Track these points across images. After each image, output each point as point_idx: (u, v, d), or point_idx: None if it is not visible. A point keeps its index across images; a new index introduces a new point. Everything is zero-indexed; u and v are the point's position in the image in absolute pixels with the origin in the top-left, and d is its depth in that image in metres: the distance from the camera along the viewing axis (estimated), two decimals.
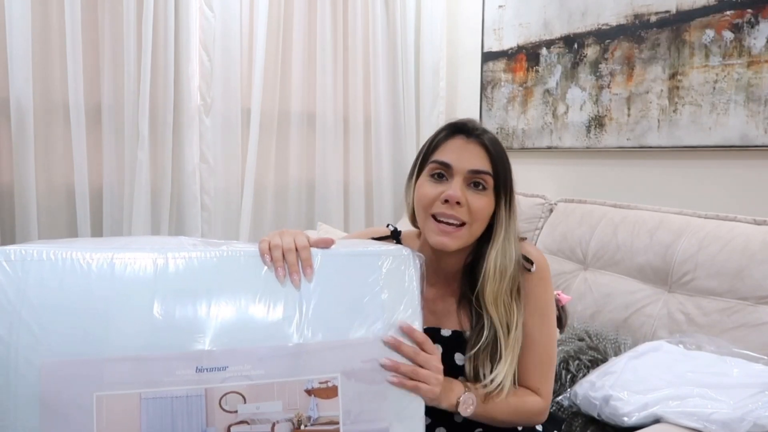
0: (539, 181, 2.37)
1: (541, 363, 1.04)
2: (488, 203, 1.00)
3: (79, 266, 0.79)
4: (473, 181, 0.99)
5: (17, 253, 0.78)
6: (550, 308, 1.07)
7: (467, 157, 0.99)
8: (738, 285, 1.42)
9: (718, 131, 1.74)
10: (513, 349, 0.99)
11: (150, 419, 0.75)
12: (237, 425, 0.77)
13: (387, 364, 0.84)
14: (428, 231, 1.00)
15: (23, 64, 1.99)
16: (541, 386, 1.04)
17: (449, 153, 1.00)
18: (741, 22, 1.66)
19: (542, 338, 1.04)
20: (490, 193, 1.00)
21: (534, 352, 1.03)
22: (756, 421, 1.06)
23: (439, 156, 1.01)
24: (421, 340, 0.88)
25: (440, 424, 1.04)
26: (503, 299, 1.00)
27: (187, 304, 0.80)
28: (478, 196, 0.99)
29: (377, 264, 0.90)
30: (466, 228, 0.98)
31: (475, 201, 0.98)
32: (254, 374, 0.78)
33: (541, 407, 1.04)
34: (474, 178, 0.99)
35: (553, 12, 2.29)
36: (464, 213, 0.97)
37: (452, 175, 0.99)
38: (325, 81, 2.59)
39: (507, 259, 1.00)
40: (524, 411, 1.02)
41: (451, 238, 0.98)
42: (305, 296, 0.84)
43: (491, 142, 1.01)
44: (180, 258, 0.83)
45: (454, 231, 0.97)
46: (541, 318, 1.05)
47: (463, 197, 0.97)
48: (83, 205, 2.14)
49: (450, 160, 0.99)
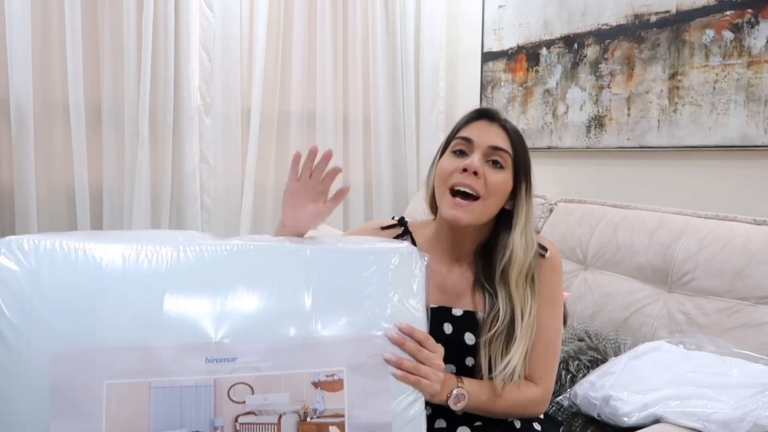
0: (539, 181, 2.32)
1: (546, 352, 1.05)
2: (505, 180, 1.04)
3: (91, 257, 0.80)
4: (492, 158, 1.04)
5: (30, 243, 0.79)
6: (560, 299, 1.10)
7: (488, 134, 1.05)
8: (738, 285, 1.42)
9: (718, 131, 1.74)
10: (527, 335, 1.01)
11: (159, 408, 0.75)
12: (244, 416, 0.78)
13: (391, 359, 0.86)
14: (444, 205, 1.05)
15: (23, 64, 1.99)
16: (545, 376, 1.05)
17: (472, 130, 1.07)
18: (741, 22, 1.66)
19: (550, 327, 1.06)
20: (508, 172, 1.05)
21: (541, 341, 1.05)
22: (756, 421, 1.06)
23: (461, 133, 1.08)
24: (423, 339, 0.90)
25: (440, 415, 1.05)
26: (522, 284, 1.03)
27: (198, 296, 0.81)
28: (495, 171, 1.04)
29: (385, 261, 0.92)
30: (480, 202, 1.02)
31: (493, 175, 1.03)
32: (262, 366, 0.79)
33: (539, 398, 1.05)
34: (493, 154, 1.04)
35: (553, 12, 2.29)
36: (481, 185, 1.02)
37: (473, 150, 1.04)
38: (324, 81, 2.59)
39: (528, 244, 1.05)
40: (522, 404, 1.03)
41: (464, 211, 1.02)
42: (313, 290, 0.86)
43: (512, 129, 1.08)
44: (191, 251, 0.84)
45: (467, 204, 1.02)
46: (551, 307, 1.07)
47: (481, 168, 1.02)
48: (83, 205, 2.14)
49: (472, 135, 1.05)
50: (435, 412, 1.05)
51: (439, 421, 1.06)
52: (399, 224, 1.20)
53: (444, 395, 0.96)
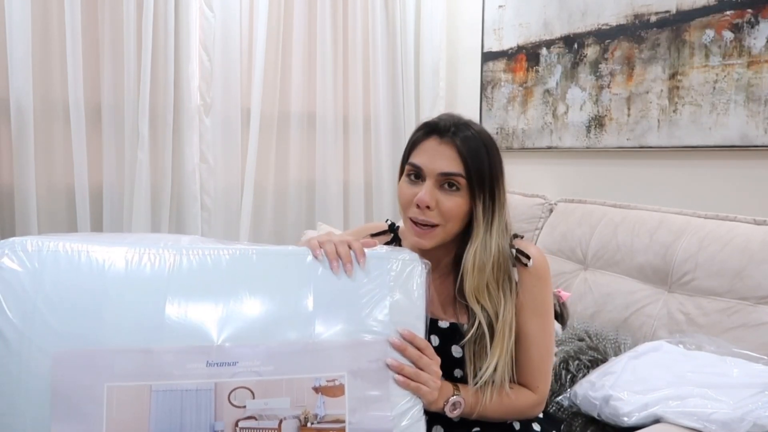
0: (539, 181, 2.37)
1: (540, 361, 1.06)
2: (460, 203, 1.01)
3: (94, 259, 0.80)
4: (446, 182, 1.01)
5: (34, 244, 0.80)
6: (547, 307, 1.09)
7: (438, 159, 1.01)
8: (738, 285, 1.42)
9: (718, 131, 1.74)
10: (503, 339, 1.00)
11: (159, 411, 0.76)
12: (245, 420, 0.78)
13: (393, 364, 0.86)
14: (407, 232, 1.05)
15: (23, 64, 1.99)
16: (540, 384, 1.06)
17: (422, 155, 1.03)
18: (741, 22, 1.66)
19: (539, 337, 1.06)
20: (463, 192, 1.01)
21: (532, 351, 1.05)
22: (756, 421, 1.06)
23: (413, 158, 1.04)
24: (423, 346, 0.90)
25: (437, 422, 1.05)
26: (488, 291, 1.02)
27: (200, 300, 0.81)
28: (450, 196, 1.01)
29: (387, 267, 0.92)
30: (440, 228, 1.02)
31: (446, 202, 1.00)
32: (263, 370, 0.79)
33: (535, 403, 1.06)
34: (445, 180, 1.01)
35: (553, 12, 2.29)
36: (435, 215, 1.01)
37: (424, 178, 1.02)
38: (325, 81, 2.59)
39: (487, 254, 1.02)
40: (516, 409, 1.04)
41: (426, 238, 1.02)
42: (315, 295, 0.86)
43: (464, 141, 1.01)
44: (193, 254, 0.85)
45: (428, 232, 1.01)
46: (539, 317, 1.06)
47: (432, 201, 1.00)
48: (83, 205, 2.14)
49: (421, 163, 1.02)
50: (433, 419, 1.04)
51: (437, 428, 1.05)
52: (390, 230, 1.19)
53: (441, 403, 0.96)
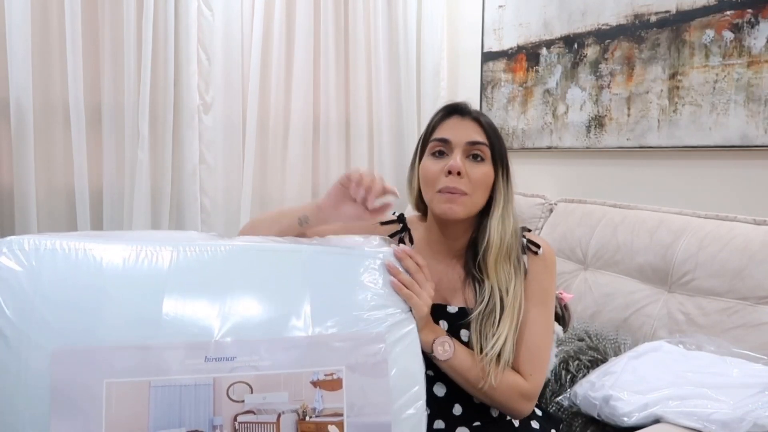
0: (539, 181, 2.37)
1: (536, 348, 1.05)
2: (487, 172, 1.07)
3: (91, 257, 0.81)
4: (472, 153, 1.07)
5: (31, 243, 0.80)
6: (551, 297, 1.11)
7: (464, 131, 1.07)
8: (738, 285, 1.42)
9: (718, 131, 1.74)
10: (512, 314, 1.02)
11: (158, 407, 0.76)
12: (243, 414, 0.78)
13: (390, 266, 0.93)
14: (435, 203, 1.06)
15: (23, 64, 1.99)
16: (533, 373, 1.04)
17: (447, 130, 1.09)
18: (741, 22, 1.66)
19: (541, 325, 1.07)
20: (488, 163, 1.08)
21: (529, 336, 1.05)
22: (756, 421, 1.06)
23: (437, 134, 1.09)
24: (422, 264, 0.97)
25: (439, 416, 1.05)
26: (502, 265, 1.05)
27: (198, 296, 0.82)
28: (477, 166, 1.06)
29: (379, 261, 0.94)
30: (469, 197, 1.05)
31: (475, 171, 1.05)
32: (262, 365, 0.80)
33: (525, 390, 1.02)
34: (472, 149, 1.06)
35: (553, 12, 2.29)
36: (466, 183, 1.04)
37: (452, 150, 1.06)
38: (326, 82, 2.59)
39: (505, 227, 1.07)
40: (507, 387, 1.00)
41: (457, 204, 1.04)
42: (312, 290, 0.87)
43: (485, 120, 1.10)
44: (191, 251, 0.85)
45: (459, 197, 1.04)
46: (542, 305, 1.08)
47: (464, 168, 1.04)
48: (83, 206, 2.14)
49: (448, 135, 1.07)
50: (434, 413, 1.05)
51: (438, 422, 1.05)
52: (398, 220, 1.21)
53: (430, 336, 0.98)
